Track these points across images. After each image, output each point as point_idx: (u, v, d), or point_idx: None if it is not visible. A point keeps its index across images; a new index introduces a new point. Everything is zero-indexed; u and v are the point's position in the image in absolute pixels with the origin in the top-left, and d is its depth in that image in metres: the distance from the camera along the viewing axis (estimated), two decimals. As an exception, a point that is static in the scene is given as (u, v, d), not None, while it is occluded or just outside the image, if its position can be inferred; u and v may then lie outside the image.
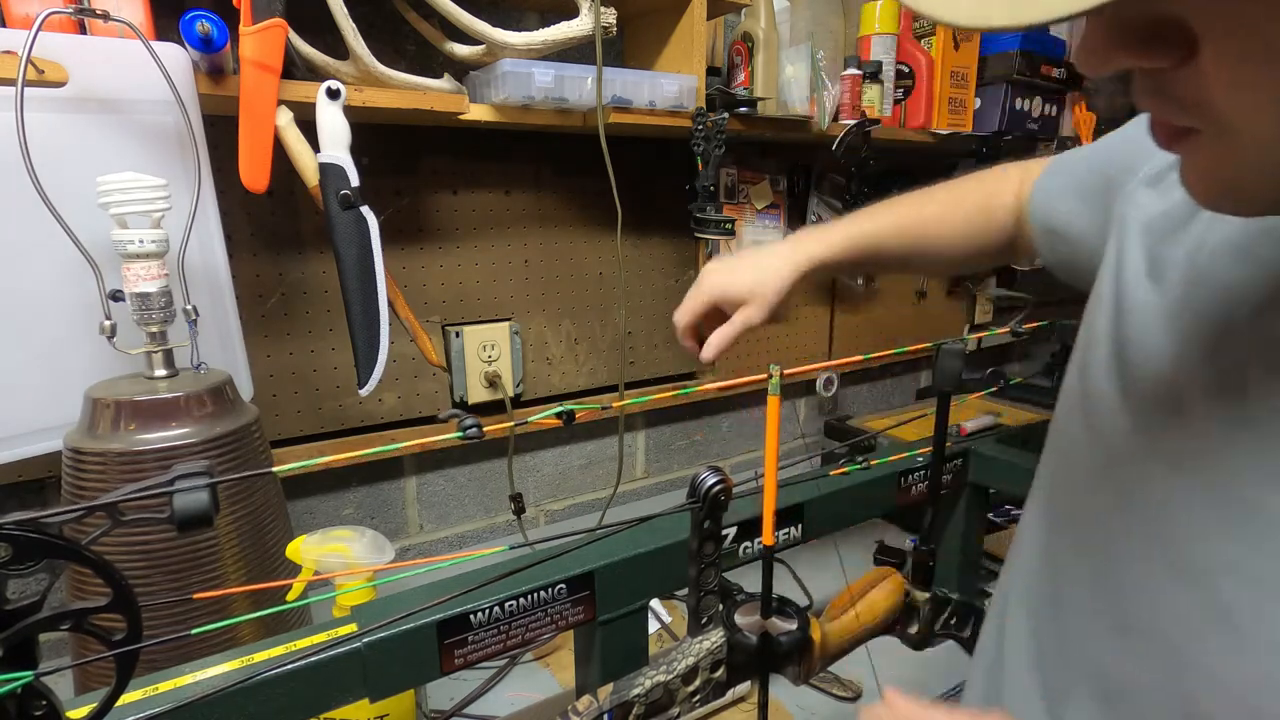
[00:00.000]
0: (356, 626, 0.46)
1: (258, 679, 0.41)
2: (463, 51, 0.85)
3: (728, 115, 0.97)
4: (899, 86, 1.26)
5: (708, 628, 0.50)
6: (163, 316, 0.66)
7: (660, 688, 0.47)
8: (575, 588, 0.53)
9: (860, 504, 0.73)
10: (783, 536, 0.66)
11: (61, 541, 0.29)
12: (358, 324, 0.76)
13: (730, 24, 1.19)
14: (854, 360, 0.66)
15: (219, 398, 0.67)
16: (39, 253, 0.65)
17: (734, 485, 0.48)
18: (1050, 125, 1.45)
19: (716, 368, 1.32)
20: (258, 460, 0.69)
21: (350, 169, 0.74)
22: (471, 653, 0.50)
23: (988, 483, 0.82)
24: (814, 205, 1.35)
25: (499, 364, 1.06)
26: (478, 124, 0.88)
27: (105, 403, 0.62)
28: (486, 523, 1.15)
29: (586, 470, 1.24)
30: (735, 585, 0.51)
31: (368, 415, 1.00)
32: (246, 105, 0.70)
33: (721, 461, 1.41)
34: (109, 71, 0.66)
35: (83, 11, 0.63)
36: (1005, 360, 1.95)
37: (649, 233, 1.19)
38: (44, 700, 0.32)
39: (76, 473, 0.62)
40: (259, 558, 0.68)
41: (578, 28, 0.82)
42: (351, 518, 1.03)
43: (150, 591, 0.61)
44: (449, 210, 1.01)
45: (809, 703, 0.77)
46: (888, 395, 1.68)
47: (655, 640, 0.86)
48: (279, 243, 0.90)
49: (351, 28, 0.73)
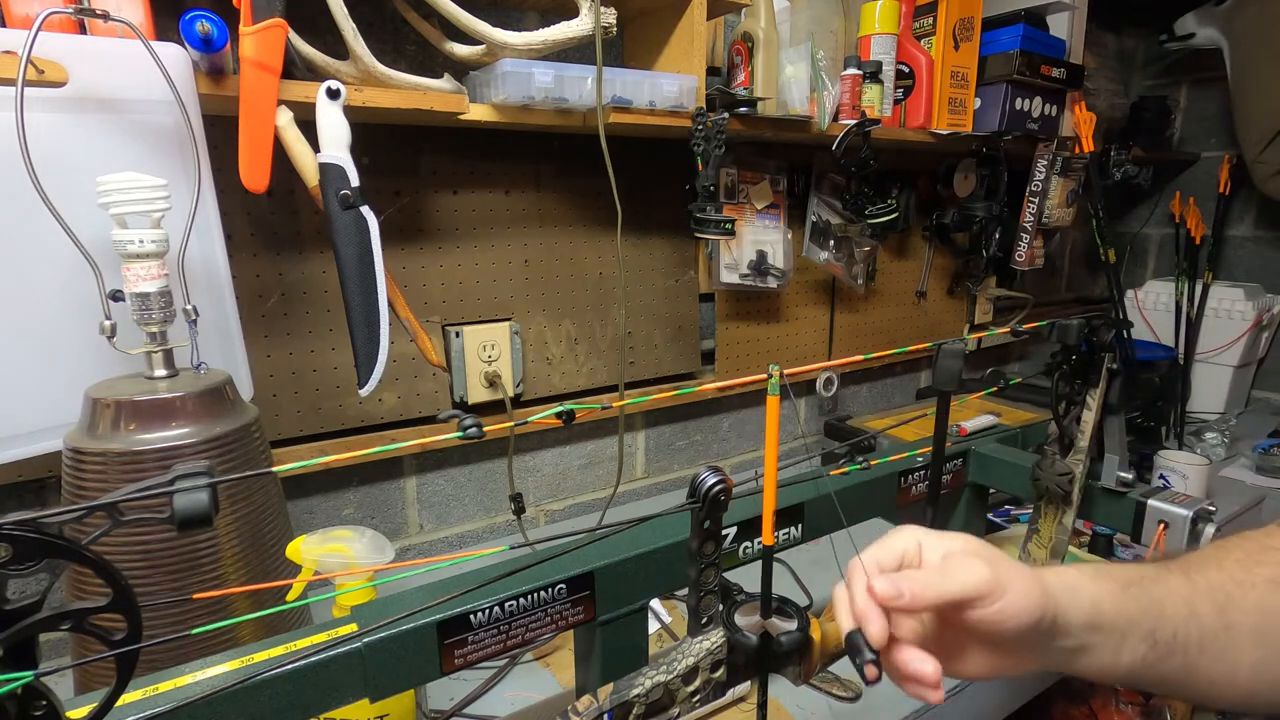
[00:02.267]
0: (356, 626, 0.46)
1: (258, 679, 0.41)
2: (463, 51, 0.85)
3: (728, 115, 0.97)
4: (899, 86, 1.26)
5: (708, 628, 0.50)
6: (163, 316, 0.66)
7: (660, 688, 0.47)
8: (575, 588, 0.53)
9: (860, 504, 0.72)
10: (783, 536, 0.66)
11: (61, 541, 0.29)
12: (358, 324, 0.76)
13: (730, 24, 1.19)
14: (854, 360, 0.66)
15: (219, 398, 0.67)
16: (39, 253, 0.65)
17: (734, 485, 0.48)
18: (1050, 125, 1.45)
19: (715, 368, 1.32)
20: (258, 460, 0.69)
21: (350, 169, 0.74)
22: (471, 653, 0.50)
23: (987, 483, 0.82)
24: (814, 205, 1.35)
25: (499, 364, 1.06)
26: (478, 124, 0.88)
27: (105, 403, 0.62)
28: (486, 523, 1.15)
29: (586, 470, 1.24)
30: (735, 585, 0.51)
31: (368, 415, 1.00)
32: (246, 105, 0.70)
33: (721, 461, 1.41)
34: (109, 71, 0.66)
35: (83, 11, 0.63)
36: (1005, 360, 1.95)
37: (649, 233, 1.19)
38: (44, 700, 0.32)
39: (76, 473, 0.62)
40: (259, 558, 0.68)
41: (578, 28, 0.82)
42: (351, 518, 1.03)
43: (150, 591, 0.61)
44: (449, 210, 1.01)
45: (809, 703, 0.77)
46: (888, 395, 1.68)
47: (655, 640, 0.86)
48: (279, 243, 0.90)
49: (351, 28, 0.73)
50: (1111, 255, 1.50)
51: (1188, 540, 0.66)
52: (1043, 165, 1.51)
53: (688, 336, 1.27)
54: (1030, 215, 1.55)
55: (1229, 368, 1.74)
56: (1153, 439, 1.46)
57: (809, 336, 1.45)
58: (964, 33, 1.28)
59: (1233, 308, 1.73)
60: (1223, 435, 1.54)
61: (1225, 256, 1.97)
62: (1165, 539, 0.67)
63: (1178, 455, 1.21)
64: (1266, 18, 1.61)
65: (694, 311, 1.27)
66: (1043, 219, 1.56)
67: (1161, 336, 1.84)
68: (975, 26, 1.30)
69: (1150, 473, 1.23)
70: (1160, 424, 1.51)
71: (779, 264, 1.28)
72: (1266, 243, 1.91)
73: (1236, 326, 1.72)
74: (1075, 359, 0.68)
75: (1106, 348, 0.68)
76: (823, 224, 1.37)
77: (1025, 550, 0.77)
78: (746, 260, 1.26)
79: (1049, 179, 1.52)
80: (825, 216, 1.37)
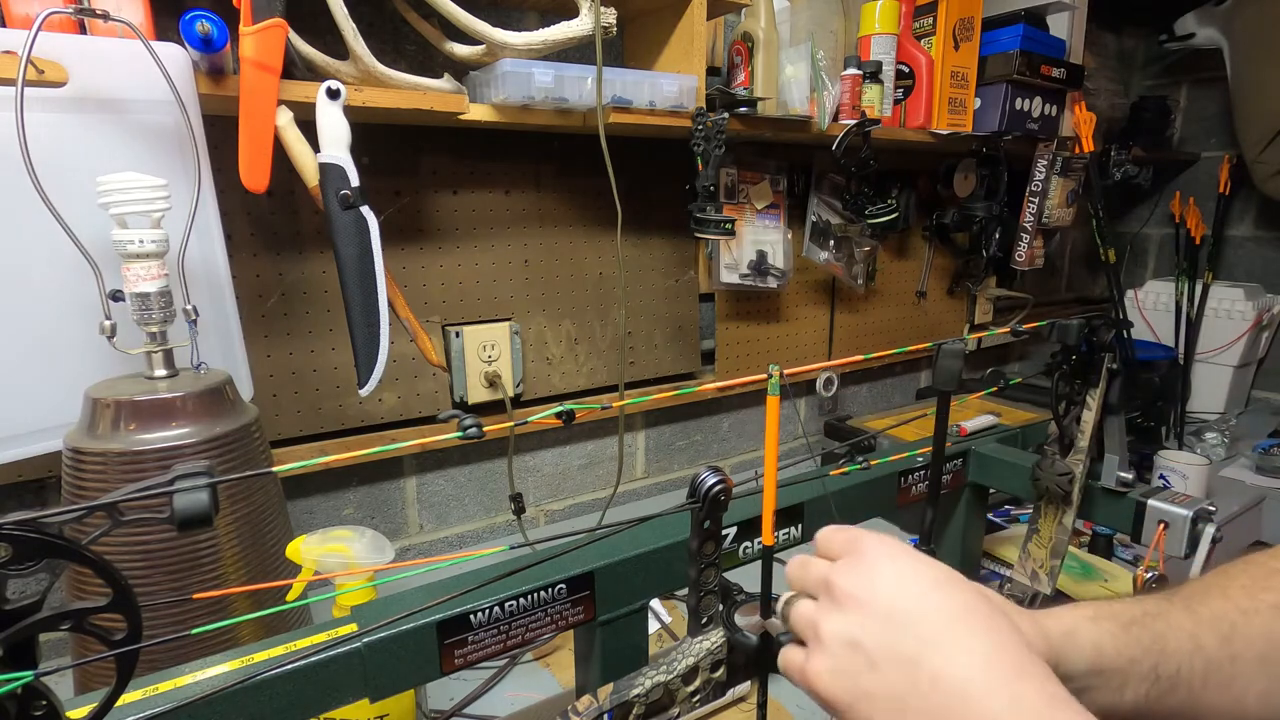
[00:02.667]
0: (356, 626, 0.46)
1: (258, 679, 0.41)
2: (463, 51, 0.85)
3: (728, 115, 0.97)
4: (899, 86, 1.26)
5: (708, 628, 0.50)
6: (163, 316, 0.66)
7: (660, 688, 0.47)
8: (575, 588, 0.53)
9: (860, 504, 0.72)
10: (783, 536, 0.66)
11: (61, 541, 0.29)
12: (358, 324, 0.76)
13: (730, 24, 1.19)
14: (854, 360, 0.66)
15: (219, 398, 0.67)
16: (39, 253, 0.65)
17: (734, 485, 0.48)
18: (1050, 125, 1.45)
19: (715, 368, 1.32)
20: (258, 460, 0.69)
21: (350, 169, 0.74)
22: (471, 653, 0.49)
23: (987, 483, 0.82)
24: (814, 205, 1.35)
25: (499, 364, 1.06)
26: (478, 124, 0.88)
27: (105, 403, 0.62)
28: (486, 523, 1.15)
29: (586, 470, 1.24)
30: (735, 585, 0.51)
31: (368, 415, 1.00)
32: (246, 105, 0.70)
33: (721, 461, 1.41)
34: (109, 71, 0.66)
35: (83, 11, 0.63)
36: (1005, 360, 1.95)
37: (649, 233, 1.19)
38: (44, 700, 0.32)
39: (76, 473, 0.62)
40: (259, 558, 0.68)
41: (578, 28, 0.82)
42: (351, 518, 1.03)
43: (150, 591, 0.61)
44: (449, 210, 1.01)
45: (809, 703, 0.77)
46: (888, 395, 1.68)
47: (655, 640, 0.86)
48: (279, 243, 0.90)
49: (351, 28, 0.73)
50: (1111, 255, 1.50)
51: (1187, 540, 0.66)
52: (1043, 165, 1.51)
53: (688, 336, 1.27)
54: (1030, 215, 1.55)
55: (1229, 368, 1.74)
56: (1153, 439, 1.46)
57: (809, 336, 1.45)
58: (964, 33, 1.28)
59: (1233, 308, 1.73)
60: (1223, 435, 1.54)
61: (1225, 256, 1.97)
62: (1165, 539, 0.67)
63: (1178, 455, 1.21)
64: (1266, 18, 1.61)
65: (694, 311, 1.27)
66: (1043, 219, 1.56)
67: (1161, 336, 1.84)
68: (975, 26, 1.30)
69: (1150, 473, 1.23)
70: (1160, 424, 1.52)
71: (779, 264, 1.28)
72: (1266, 243, 1.91)
73: (1236, 326, 1.72)
74: (1075, 359, 0.68)
75: (1106, 348, 0.67)
76: (823, 224, 1.37)
77: (1025, 550, 0.77)
78: (746, 260, 1.26)
79: (1049, 179, 1.52)
80: (825, 216, 1.37)
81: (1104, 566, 1.01)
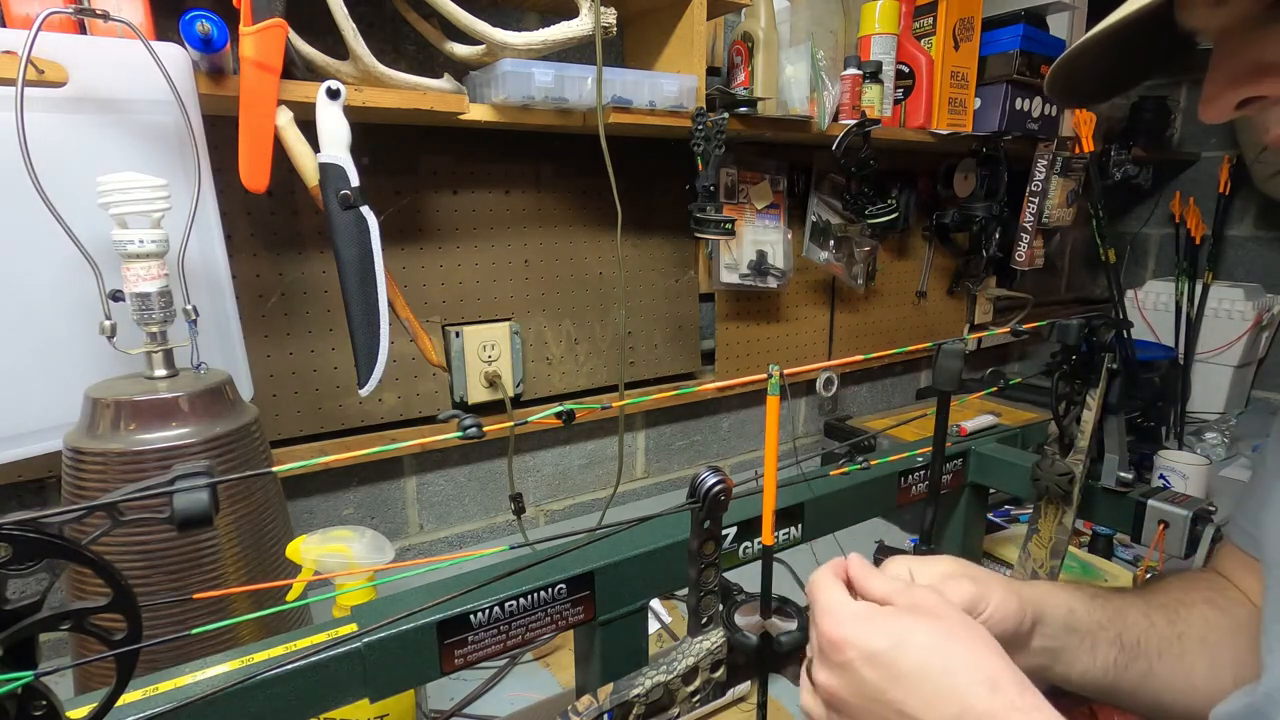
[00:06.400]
0: (356, 626, 0.46)
1: (258, 679, 0.41)
2: (463, 51, 0.85)
3: (728, 115, 0.97)
4: (899, 86, 1.26)
5: (708, 628, 0.50)
6: (163, 316, 0.66)
7: (660, 688, 0.47)
8: (575, 588, 0.53)
9: (860, 504, 0.72)
10: (783, 536, 0.66)
11: (61, 541, 0.29)
12: (358, 324, 0.76)
13: (730, 24, 1.19)
14: (854, 360, 0.66)
15: (219, 398, 0.67)
16: (39, 253, 0.65)
17: (734, 485, 0.48)
18: (1050, 125, 1.45)
19: (715, 368, 1.32)
20: (258, 460, 0.69)
21: (350, 169, 0.74)
22: (471, 653, 0.49)
23: (987, 482, 0.82)
24: (814, 205, 1.35)
25: (499, 364, 1.06)
26: (478, 124, 0.88)
27: (105, 403, 0.62)
28: (486, 523, 1.15)
29: (586, 470, 1.24)
30: (735, 585, 0.51)
31: (368, 415, 1.00)
32: (246, 105, 0.70)
33: (721, 461, 1.41)
34: (109, 71, 0.66)
35: (83, 11, 0.63)
36: (1005, 360, 1.95)
37: (649, 233, 1.19)
38: (44, 700, 0.32)
39: (76, 473, 0.62)
40: (259, 558, 0.68)
41: (578, 28, 0.82)
42: (351, 518, 1.03)
43: (150, 591, 0.61)
44: (449, 210, 1.01)
45: (809, 703, 0.77)
46: (888, 395, 1.68)
47: (655, 640, 0.86)
48: (279, 243, 0.90)
49: (351, 28, 0.73)
50: (1111, 255, 1.50)
51: (1187, 540, 0.66)
52: (1043, 165, 1.51)
53: (688, 336, 1.27)
54: (1030, 215, 1.55)
55: (1229, 368, 1.74)
56: (1153, 439, 1.46)
57: (809, 336, 1.45)
58: (964, 33, 1.28)
59: (1233, 308, 1.73)
60: (1223, 435, 1.54)
61: (1225, 256, 1.97)
62: (1165, 539, 0.67)
63: (1178, 455, 1.21)
64: (1266, 18, 1.61)
65: (694, 311, 1.27)
66: (1043, 219, 1.56)
67: (1161, 336, 1.84)
68: (975, 26, 1.30)
69: (1150, 473, 1.23)
70: (1160, 424, 1.51)
71: (779, 264, 1.28)
72: (1266, 243, 1.91)
73: (1236, 326, 1.72)
74: (1075, 359, 0.68)
75: (1106, 348, 0.67)
76: (823, 224, 1.37)
77: (1025, 550, 0.77)
78: (746, 260, 1.26)
79: (1049, 179, 1.52)
80: (825, 216, 1.37)
81: (1104, 566, 1.01)
